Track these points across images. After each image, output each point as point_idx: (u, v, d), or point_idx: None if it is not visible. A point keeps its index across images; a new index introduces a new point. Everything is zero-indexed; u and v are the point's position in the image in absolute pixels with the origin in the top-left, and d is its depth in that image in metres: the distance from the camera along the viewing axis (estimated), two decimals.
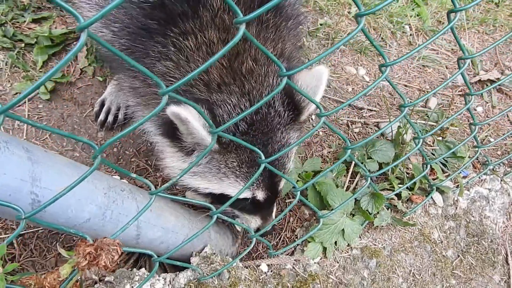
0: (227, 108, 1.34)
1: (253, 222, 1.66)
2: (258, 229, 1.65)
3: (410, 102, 1.39)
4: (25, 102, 2.11)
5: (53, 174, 1.08)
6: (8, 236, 1.67)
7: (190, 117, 1.18)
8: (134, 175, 1.09)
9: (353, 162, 2.12)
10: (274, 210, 1.67)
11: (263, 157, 1.21)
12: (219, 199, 1.49)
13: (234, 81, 1.36)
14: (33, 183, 1.02)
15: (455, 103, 2.89)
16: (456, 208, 2.18)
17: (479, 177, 2.32)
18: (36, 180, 1.03)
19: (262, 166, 1.24)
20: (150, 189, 1.13)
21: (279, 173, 1.37)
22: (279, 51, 1.48)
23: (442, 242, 2.06)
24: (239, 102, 1.35)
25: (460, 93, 3.05)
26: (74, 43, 2.47)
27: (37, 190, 1.03)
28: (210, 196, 1.56)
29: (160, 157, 1.58)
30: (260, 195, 1.50)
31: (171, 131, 1.34)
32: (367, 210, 1.85)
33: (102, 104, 2.18)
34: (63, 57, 2.38)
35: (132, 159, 2.04)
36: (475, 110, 2.90)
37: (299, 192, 1.48)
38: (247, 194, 1.48)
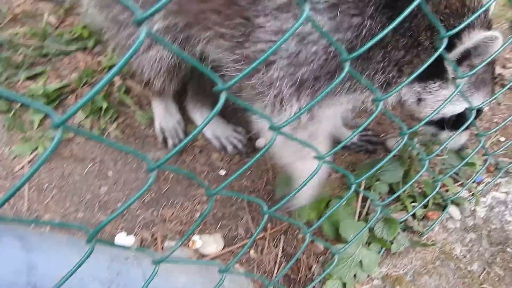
0: None
1: (463, 136, 1.78)
2: None
3: (410, 128, 1.34)
4: (23, 166, 2.10)
5: (50, 258, 1.05)
6: None
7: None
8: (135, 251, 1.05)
9: (363, 185, 2.07)
10: None
11: None
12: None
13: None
14: (29, 272, 0.98)
15: None
16: (475, 218, 2.11)
17: (494, 182, 2.25)
18: (32, 268, 0.99)
19: None
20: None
21: None
22: None
23: (465, 256, 1.99)
24: None
25: None
26: (70, 96, 2.46)
27: (34, 279, 0.99)
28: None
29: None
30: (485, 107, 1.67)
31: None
32: (383, 237, 1.79)
33: (162, 131, 2.28)
34: (59, 112, 2.37)
35: (138, 212, 2.00)
36: None
37: (309, 233, 1.42)
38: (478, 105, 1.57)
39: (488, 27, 1.49)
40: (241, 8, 1.40)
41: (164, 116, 2.30)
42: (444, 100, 1.49)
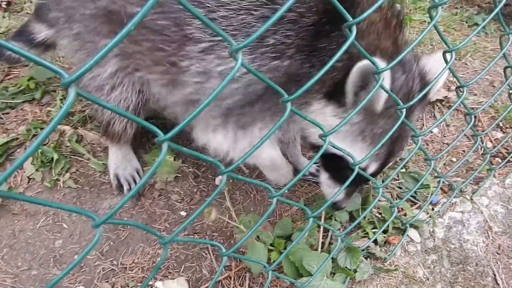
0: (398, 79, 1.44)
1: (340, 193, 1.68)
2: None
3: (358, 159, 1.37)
4: None
5: None
6: None
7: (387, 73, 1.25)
8: None
9: (324, 215, 2.09)
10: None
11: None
12: (330, 160, 1.54)
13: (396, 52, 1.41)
14: None
15: None
16: (434, 239, 2.15)
17: (450, 202, 2.32)
18: None
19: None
20: None
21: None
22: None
23: (428, 279, 2.01)
24: (403, 75, 1.46)
25: None
26: (18, 150, 2.38)
27: None
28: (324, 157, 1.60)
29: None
30: (371, 169, 1.55)
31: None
32: (346, 267, 1.79)
33: (117, 176, 2.24)
34: (7, 167, 2.29)
35: (96, 263, 1.93)
36: (432, 132, 2.92)
37: (270, 272, 1.41)
38: (363, 164, 1.47)
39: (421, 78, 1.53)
40: (167, 54, 1.49)
41: (121, 163, 2.27)
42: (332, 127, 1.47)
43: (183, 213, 2.20)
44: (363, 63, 1.24)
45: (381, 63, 1.17)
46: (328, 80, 1.42)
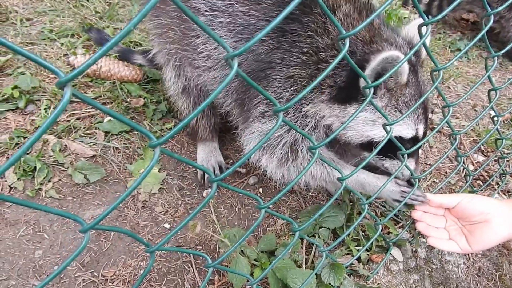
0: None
1: (410, 164, 1.81)
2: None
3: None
4: None
5: None
6: None
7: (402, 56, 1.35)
8: None
9: (307, 233, 2.09)
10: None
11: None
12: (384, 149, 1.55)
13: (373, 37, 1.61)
14: None
15: None
16: (417, 259, 2.17)
17: None
18: None
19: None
20: None
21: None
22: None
23: None
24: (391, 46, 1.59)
25: None
26: None
27: None
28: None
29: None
30: (421, 129, 1.68)
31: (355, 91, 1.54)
32: (330, 283, 1.79)
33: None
34: None
35: (76, 274, 1.89)
36: None
37: (255, 285, 1.40)
38: (411, 132, 1.67)
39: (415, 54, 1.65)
40: None
41: (206, 156, 2.54)
42: (364, 122, 1.62)
43: (166, 226, 2.18)
44: (388, 53, 1.40)
45: (394, 53, 1.40)
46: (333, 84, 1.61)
